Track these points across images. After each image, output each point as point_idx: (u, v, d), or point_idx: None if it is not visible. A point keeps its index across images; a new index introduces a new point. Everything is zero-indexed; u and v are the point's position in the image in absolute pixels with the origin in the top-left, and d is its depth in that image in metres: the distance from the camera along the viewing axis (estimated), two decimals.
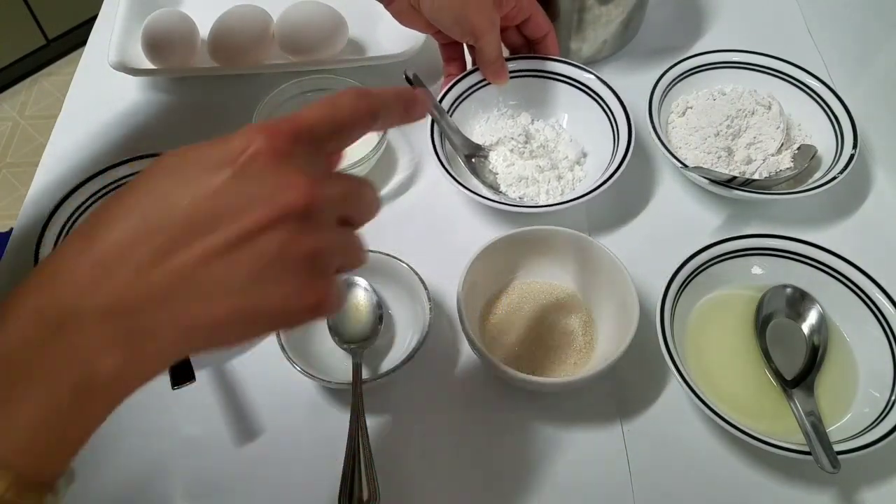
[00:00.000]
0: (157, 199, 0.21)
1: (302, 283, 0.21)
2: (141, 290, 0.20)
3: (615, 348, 0.36)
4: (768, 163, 0.47)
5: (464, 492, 0.36)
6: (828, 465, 0.33)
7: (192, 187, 0.21)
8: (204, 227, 0.20)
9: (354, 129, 0.24)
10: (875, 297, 0.39)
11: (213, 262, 0.20)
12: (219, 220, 0.20)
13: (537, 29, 0.47)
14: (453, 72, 0.49)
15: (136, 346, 0.20)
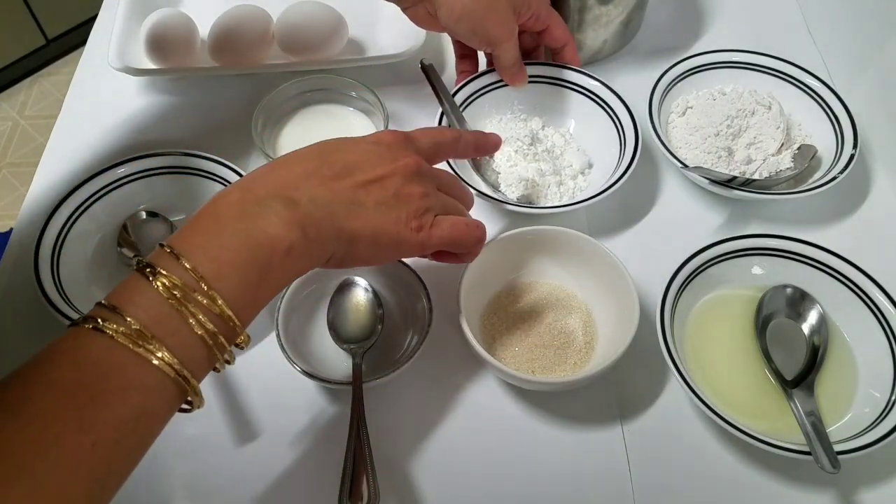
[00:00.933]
0: (331, 151, 0.32)
1: (409, 213, 0.32)
2: (313, 194, 0.29)
3: (615, 348, 0.36)
4: (768, 163, 0.47)
5: (464, 492, 0.36)
6: (828, 465, 0.33)
7: (355, 148, 0.33)
8: (358, 170, 0.32)
9: (446, 152, 0.39)
10: (875, 297, 0.39)
11: (359, 189, 0.31)
12: (368, 166, 0.32)
13: (554, 40, 0.47)
14: (467, 68, 0.49)
15: (307, 230, 0.29)
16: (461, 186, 0.38)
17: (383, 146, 0.33)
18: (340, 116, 0.50)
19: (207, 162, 0.45)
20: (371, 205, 0.31)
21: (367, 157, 0.32)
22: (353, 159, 0.32)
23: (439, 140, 0.37)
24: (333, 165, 0.31)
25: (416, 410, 0.39)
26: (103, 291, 0.42)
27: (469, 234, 0.35)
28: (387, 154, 0.33)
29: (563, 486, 0.36)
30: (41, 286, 0.40)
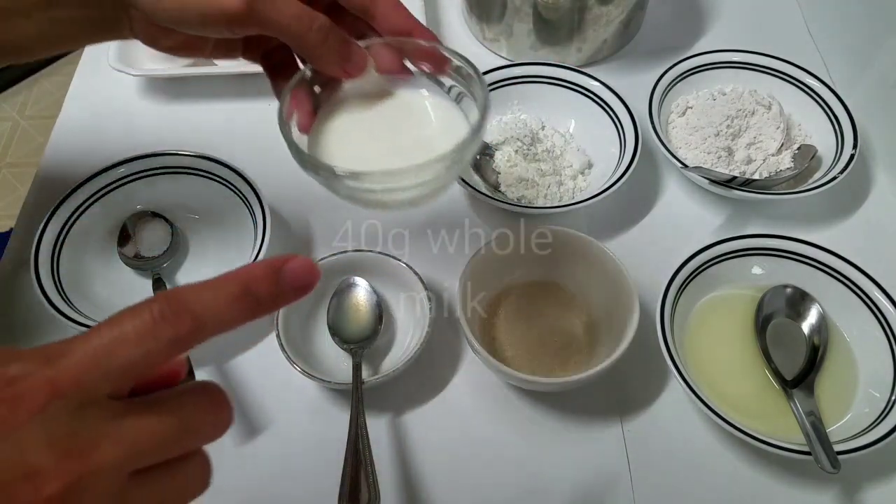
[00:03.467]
0: None
1: None
2: None
3: (615, 348, 0.36)
4: (768, 163, 0.47)
5: (464, 492, 0.36)
6: (828, 465, 0.33)
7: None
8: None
9: (158, 363, 0.19)
10: (875, 297, 0.39)
11: None
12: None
13: (381, 19, 0.30)
14: (281, 84, 0.31)
15: None
16: (193, 420, 0.20)
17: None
18: (413, 104, 0.31)
19: (207, 162, 0.45)
20: None
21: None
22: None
23: (131, 359, 0.18)
24: None
25: (416, 410, 0.39)
26: (103, 291, 0.43)
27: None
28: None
29: (564, 486, 0.36)
30: (41, 286, 0.40)
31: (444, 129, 0.30)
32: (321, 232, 0.46)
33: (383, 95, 0.31)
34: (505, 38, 0.53)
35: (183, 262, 0.44)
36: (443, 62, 0.30)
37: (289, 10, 0.27)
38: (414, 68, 0.31)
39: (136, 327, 0.18)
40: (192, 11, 0.27)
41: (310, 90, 0.30)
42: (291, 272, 0.20)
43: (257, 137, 0.50)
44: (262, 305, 0.20)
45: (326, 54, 0.28)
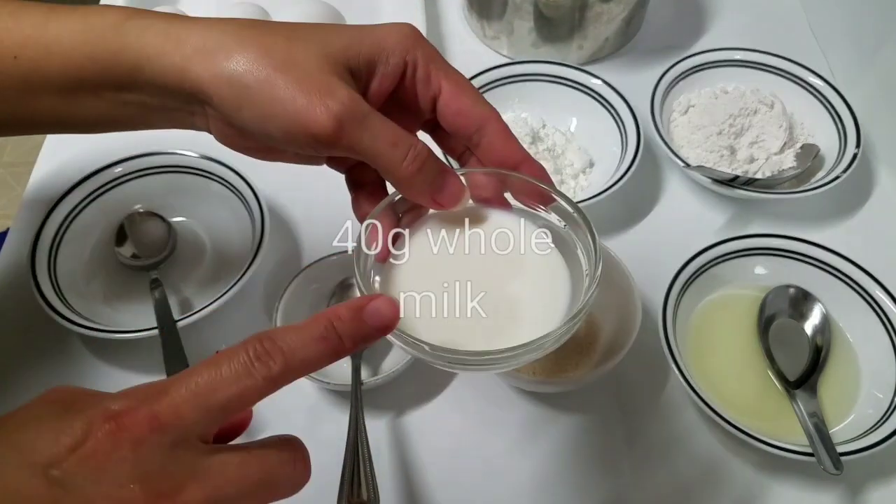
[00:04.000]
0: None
1: None
2: None
3: (617, 348, 0.36)
4: (771, 162, 0.46)
5: (463, 492, 0.36)
6: (831, 466, 0.32)
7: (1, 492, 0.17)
8: None
9: (253, 402, 0.20)
10: (878, 297, 0.39)
11: None
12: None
13: (459, 116, 0.26)
14: (364, 205, 0.28)
15: None
16: (272, 484, 0.20)
17: (77, 479, 0.18)
18: (507, 245, 0.27)
19: (205, 161, 0.45)
20: None
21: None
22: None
23: (231, 401, 0.19)
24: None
25: (415, 411, 0.39)
26: (100, 291, 0.43)
27: None
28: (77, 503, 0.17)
29: (564, 486, 0.36)
30: (38, 286, 0.39)
31: (538, 274, 0.26)
32: (321, 232, 0.45)
33: (476, 227, 0.27)
34: (506, 35, 0.53)
35: (180, 262, 0.44)
36: (549, 202, 0.26)
37: (383, 136, 0.24)
38: (516, 203, 0.27)
39: (233, 367, 0.19)
40: (274, 125, 0.24)
41: (393, 214, 0.27)
42: (374, 311, 0.21)
43: None
44: (345, 345, 0.21)
45: (420, 184, 0.25)
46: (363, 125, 0.24)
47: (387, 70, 0.25)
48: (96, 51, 0.25)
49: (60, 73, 0.25)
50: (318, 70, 0.24)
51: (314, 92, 0.23)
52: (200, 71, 0.24)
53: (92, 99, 0.26)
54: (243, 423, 0.22)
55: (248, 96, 0.24)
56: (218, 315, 0.39)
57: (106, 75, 0.25)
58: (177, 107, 0.26)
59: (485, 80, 0.48)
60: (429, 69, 0.26)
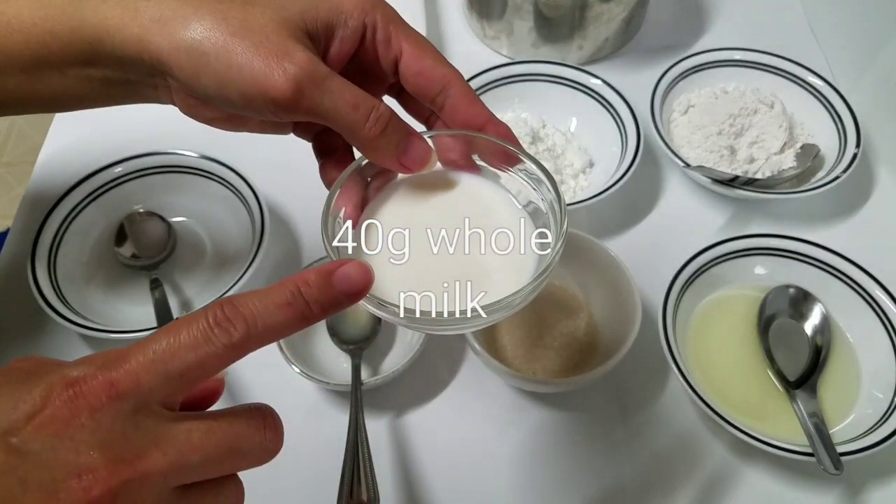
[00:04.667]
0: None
1: None
2: None
3: (617, 349, 0.36)
4: (771, 162, 0.46)
5: (463, 492, 0.36)
6: (831, 466, 0.32)
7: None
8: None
9: (214, 370, 0.19)
10: (878, 297, 0.39)
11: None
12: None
13: (428, 81, 0.26)
14: (331, 172, 0.28)
15: None
16: (239, 438, 0.19)
17: (36, 445, 0.17)
18: (473, 206, 0.27)
19: (205, 161, 0.45)
20: None
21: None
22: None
23: (190, 363, 0.18)
24: None
25: (415, 411, 0.39)
26: (100, 291, 0.43)
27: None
28: (37, 471, 0.17)
29: (564, 486, 0.36)
30: (38, 285, 0.39)
31: (507, 232, 0.26)
32: (320, 232, 0.45)
33: (441, 184, 0.27)
34: (506, 35, 0.53)
35: (180, 262, 0.44)
36: (516, 163, 0.26)
37: (343, 98, 0.24)
38: (482, 164, 0.27)
39: (191, 333, 0.19)
40: (233, 91, 0.24)
41: (361, 180, 0.27)
42: (343, 276, 0.20)
43: (256, 137, 0.49)
44: (313, 311, 0.20)
45: (384, 147, 0.25)
46: (322, 88, 0.23)
47: (346, 33, 0.25)
48: (57, 26, 0.25)
49: (23, 51, 0.25)
50: (276, 34, 0.23)
51: (272, 56, 0.23)
52: (159, 41, 0.24)
53: (56, 76, 0.26)
54: (215, 392, 0.22)
55: (206, 63, 0.23)
56: None
57: (68, 50, 0.25)
58: (139, 80, 0.26)
59: (485, 80, 0.48)
60: (388, 31, 0.25)
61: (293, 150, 0.53)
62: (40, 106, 0.28)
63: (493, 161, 0.27)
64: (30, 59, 0.26)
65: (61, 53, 0.25)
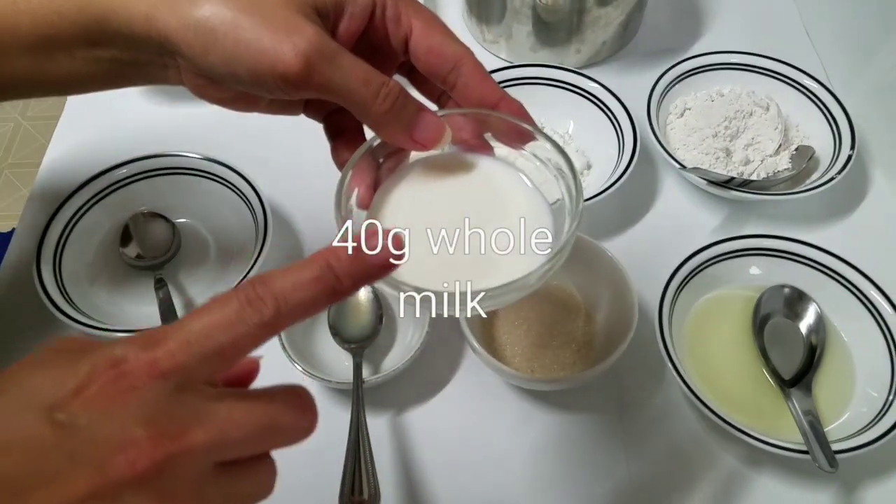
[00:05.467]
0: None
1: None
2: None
3: (614, 348, 0.36)
4: (766, 163, 0.47)
5: (464, 491, 0.36)
6: (826, 464, 0.33)
7: (6, 434, 0.17)
8: (15, 497, 0.16)
9: (249, 348, 0.19)
10: (872, 296, 0.39)
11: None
12: (34, 488, 0.16)
13: (439, 59, 0.26)
14: (343, 153, 0.28)
15: None
16: (279, 421, 0.20)
17: (83, 420, 0.17)
18: (487, 188, 0.26)
19: (209, 163, 0.45)
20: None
21: (43, 458, 0.17)
22: (10, 469, 0.16)
23: (228, 343, 0.19)
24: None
25: (416, 410, 0.39)
26: (105, 292, 0.43)
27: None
28: (85, 444, 0.17)
29: (563, 486, 0.36)
30: (43, 286, 0.40)
31: (523, 214, 0.25)
32: (323, 232, 0.46)
33: (456, 166, 0.26)
34: (504, 39, 0.54)
35: (185, 262, 0.45)
36: (530, 140, 0.26)
37: (354, 73, 0.23)
38: (497, 145, 0.27)
39: (224, 314, 0.19)
40: (242, 68, 0.23)
41: (374, 161, 0.26)
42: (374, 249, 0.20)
43: (260, 139, 0.50)
44: (344, 285, 0.19)
45: (395, 123, 0.24)
46: (332, 63, 0.23)
47: (355, 10, 0.25)
48: (64, 6, 0.25)
49: (30, 31, 0.25)
50: (284, 10, 0.23)
51: (280, 31, 0.23)
52: (167, 18, 0.24)
53: (64, 57, 0.26)
54: (250, 374, 0.22)
55: (214, 40, 0.23)
56: None
57: (75, 30, 0.25)
58: (149, 59, 0.26)
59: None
60: (398, 8, 0.25)
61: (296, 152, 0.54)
62: (49, 88, 0.28)
63: (506, 140, 0.26)
64: (37, 40, 0.26)
65: (69, 33, 0.25)
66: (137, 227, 0.44)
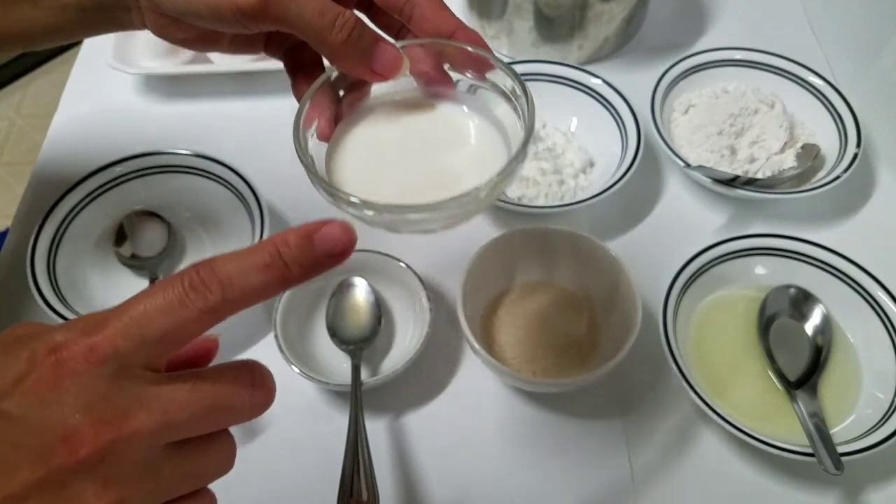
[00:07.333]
0: None
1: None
2: None
3: (617, 349, 0.36)
4: (771, 161, 0.46)
5: (463, 492, 0.36)
6: (831, 466, 0.32)
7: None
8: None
9: (193, 333, 0.19)
10: (879, 297, 0.39)
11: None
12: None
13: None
14: (303, 87, 0.28)
15: None
16: (225, 397, 0.20)
17: (22, 410, 0.18)
18: (447, 120, 0.27)
19: (204, 161, 0.45)
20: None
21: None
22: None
23: (167, 328, 0.18)
24: None
25: (415, 411, 0.38)
26: (99, 291, 0.42)
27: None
28: (24, 434, 0.17)
29: (564, 486, 0.36)
30: (37, 286, 0.39)
31: (479, 154, 0.26)
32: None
33: (416, 106, 0.27)
34: (506, 35, 0.53)
35: (180, 261, 0.44)
36: (487, 69, 0.26)
37: (310, 5, 0.24)
38: (455, 76, 0.27)
39: (167, 298, 0.18)
40: (203, 4, 0.24)
41: (334, 94, 0.27)
42: (326, 235, 0.19)
43: (255, 136, 0.50)
44: (293, 273, 0.19)
45: (352, 54, 0.25)
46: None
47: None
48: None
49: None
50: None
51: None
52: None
53: (28, 8, 0.27)
54: (208, 351, 0.22)
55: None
56: None
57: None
58: (112, 3, 0.27)
59: None
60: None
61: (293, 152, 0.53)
62: (15, 42, 0.28)
63: (465, 69, 0.27)
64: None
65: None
66: (132, 225, 0.44)
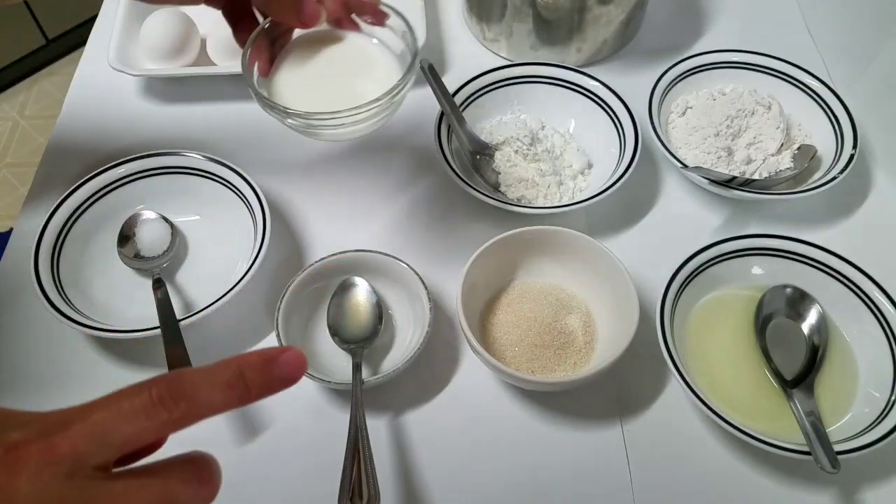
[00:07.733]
0: None
1: None
2: None
3: (615, 348, 0.36)
4: (768, 163, 0.47)
5: (463, 492, 0.36)
6: (828, 465, 0.33)
7: None
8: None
9: (151, 439, 0.20)
10: (875, 296, 0.39)
11: None
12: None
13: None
14: (242, 35, 0.35)
15: None
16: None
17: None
18: (357, 52, 0.36)
19: (207, 162, 0.45)
20: None
21: None
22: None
23: (122, 437, 0.20)
24: None
25: (416, 410, 0.39)
26: (103, 291, 0.43)
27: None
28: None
29: (564, 486, 0.36)
30: (41, 286, 0.40)
31: (383, 74, 0.35)
32: (321, 232, 0.46)
33: (334, 42, 0.36)
34: (505, 38, 0.53)
35: (183, 262, 0.44)
36: (380, 15, 0.34)
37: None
38: (360, 22, 0.35)
39: (133, 406, 0.20)
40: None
41: (269, 40, 0.34)
42: (285, 363, 0.22)
43: (257, 137, 0.50)
44: (251, 394, 0.21)
45: (285, 8, 0.32)
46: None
47: None
48: None
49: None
50: None
51: None
52: None
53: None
54: (156, 443, 0.22)
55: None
56: (220, 315, 0.39)
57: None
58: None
59: (484, 82, 0.49)
60: None
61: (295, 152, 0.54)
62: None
63: (366, 17, 0.35)
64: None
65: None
66: (135, 226, 0.44)
